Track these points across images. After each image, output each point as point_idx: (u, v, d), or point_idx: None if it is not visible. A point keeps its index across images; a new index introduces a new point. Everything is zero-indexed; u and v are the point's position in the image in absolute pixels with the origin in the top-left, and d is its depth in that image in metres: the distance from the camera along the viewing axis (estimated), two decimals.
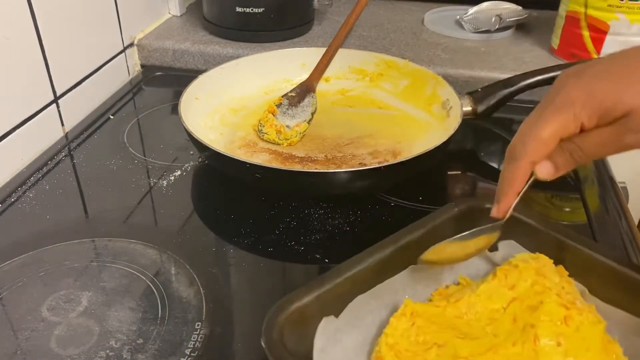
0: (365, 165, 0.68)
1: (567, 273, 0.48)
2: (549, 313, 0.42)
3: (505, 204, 0.45)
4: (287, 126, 0.74)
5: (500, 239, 0.49)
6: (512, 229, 0.49)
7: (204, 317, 0.50)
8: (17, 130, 0.70)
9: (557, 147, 0.42)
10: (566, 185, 0.69)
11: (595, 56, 0.86)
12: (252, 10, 0.94)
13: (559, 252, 0.49)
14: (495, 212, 0.46)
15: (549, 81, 0.72)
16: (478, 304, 0.45)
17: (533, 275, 0.46)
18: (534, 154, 0.42)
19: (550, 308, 0.43)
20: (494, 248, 0.51)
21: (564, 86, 0.41)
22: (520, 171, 0.43)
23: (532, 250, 0.50)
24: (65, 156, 0.73)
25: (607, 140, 0.40)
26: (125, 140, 0.77)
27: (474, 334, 0.43)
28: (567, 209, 0.67)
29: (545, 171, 0.43)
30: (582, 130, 0.41)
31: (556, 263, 0.48)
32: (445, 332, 0.43)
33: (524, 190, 0.45)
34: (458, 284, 0.50)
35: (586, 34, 0.86)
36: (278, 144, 0.73)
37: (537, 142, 0.41)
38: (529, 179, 0.44)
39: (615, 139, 0.40)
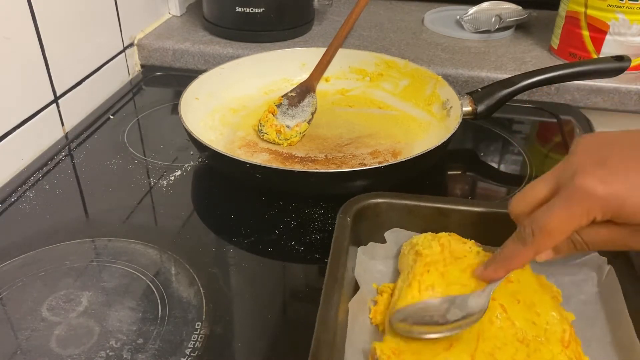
0: (365, 165, 0.68)
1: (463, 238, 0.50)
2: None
3: (492, 274, 0.43)
4: (287, 126, 0.74)
5: (384, 229, 0.53)
6: (390, 216, 0.53)
7: (204, 317, 0.50)
8: (17, 130, 0.70)
9: None
10: None
11: (595, 56, 0.86)
12: (252, 10, 0.94)
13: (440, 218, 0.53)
14: (479, 273, 0.44)
15: (549, 81, 0.72)
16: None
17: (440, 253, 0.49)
18: (541, 246, 0.40)
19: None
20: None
21: (583, 175, 0.37)
22: (523, 256, 0.41)
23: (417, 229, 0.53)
24: (65, 156, 0.73)
25: (613, 240, 0.38)
26: (125, 140, 0.77)
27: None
28: None
29: (545, 257, 0.42)
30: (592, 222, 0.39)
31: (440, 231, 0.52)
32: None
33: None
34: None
35: (586, 33, 0.86)
36: (278, 144, 0.73)
37: (546, 235, 0.39)
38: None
39: (624, 241, 0.38)
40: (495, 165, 0.75)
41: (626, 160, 0.37)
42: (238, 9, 0.94)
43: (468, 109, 0.71)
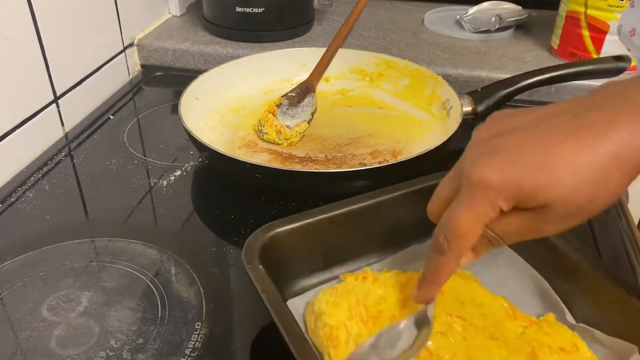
0: (365, 165, 0.68)
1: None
2: None
3: (428, 294, 0.42)
4: (287, 126, 0.74)
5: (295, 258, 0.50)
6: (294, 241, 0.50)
7: (204, 317, 0.50)
8: (17, 130, 0.70)
9: None
10: None
11: (595, 56, 0.86)
12: (252, 10, 0.94)
13: None
14: (415, 297, 0.43)
15: (549, 81, 0.72)
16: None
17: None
18: (459, 250, 0.38)
19: None
20: None
21: (477, 167, 0.36)
22: (447, 265, 0.40)
23: None
24: (65, 156, 0.73)
25: (526, 228, 0.37)
26: (125, 140, 0.77)
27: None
28: None
29: (467, 261, 0.41)
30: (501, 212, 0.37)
31: None
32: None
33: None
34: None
35: (586, 33, 0.86)
36: (278, 144, 0.73)
37: (459, 237, 0.37)
38: None
39: (534, 227, 0.36)
40: None
41: (518, 143, 0.35)
42: (238, 9, 0.94)
43: (468, 109, 0.71)
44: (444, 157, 0.66)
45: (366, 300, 0.46)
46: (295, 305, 0.48)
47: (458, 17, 1.03)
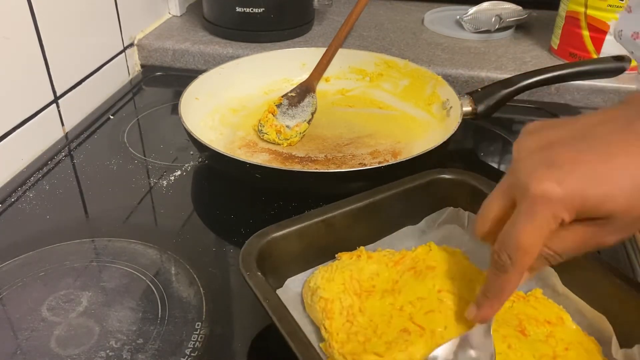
0: (365, 165, 0.68)
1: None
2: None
3: (489, 312, 0.41)
4: (287, 126, 0.74)
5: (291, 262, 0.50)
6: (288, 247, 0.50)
7: (204, 317, 0.50)
8: (17, 130, 0.70)
9: None
10: None
11: (595, 56, 0.86)
12: (252, 10, 0.94)
13: None
14: (474, 317, 0.42)
15: (549, 81, 0.72)
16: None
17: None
18: (522, 266, 0.37)
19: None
20: None
21: (533, 179, 0.35)
22: (511, 283, 0.39)
23: None
24: (65, 156, 0.73)
25: (586, 241, 0.36)
26: (125, 140, 0.77)
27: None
28: None
29: (523, 281, 0.40)
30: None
31: None
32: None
33: None
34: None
35: (586, 33, 0.86)
36: (278, 144, 0.73)
37: (522, 254, 0.37)
38: None
39: (595, 239, 0.36)
40: (495, 165, 0.75)
41: (575, 155, 0.35)
42: (238, 9, 0.94)
43: (468, 109, 0.71)
44: (443, 157, 0.66)
45: (360, 275, 0.47)
46: (294, 283, 0.49)
47: (458, 17, 1.03)
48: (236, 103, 0.81)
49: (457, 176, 0.55)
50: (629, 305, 0.43)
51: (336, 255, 0.50)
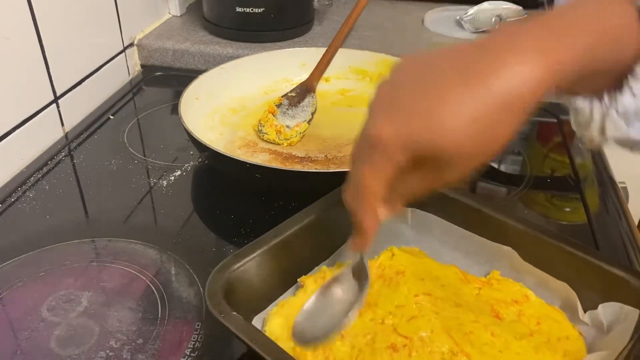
0: None
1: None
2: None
3: (360, 244, 0.41)
4: (287, 126, 0.74)
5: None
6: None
7: (204, 317, 0.50)
8: (17, 130, 0.70)
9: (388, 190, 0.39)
10: (566, 185, 0.69)
11: None
12: (252, 10, 0.94)
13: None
14: (351, 245, 0.42)
15: None
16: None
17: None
18: (370, 203, 0.39)
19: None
20: None
21: (372, 124, 0.36)
22: (366, 221, 0.40)
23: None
24: (65, 156, 0.73)
25: (429, 181, 0.37)
26: (125, 140, 0.77)
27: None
28: (567, 209, 0.67)
29: (383, 216, 0.40)
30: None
31: None
32: None
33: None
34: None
35: None
36: (278, 144, 0.73)
37: (366, 193, 0.38)
38: None
39: (436, 178, 0.37)
40: (495, 165, 0.75)
41: (411, 96, 0.35)
42: (238, 9, 0.94)
43: None
44: None
45: None
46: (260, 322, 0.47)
47: (458, 17, 1.03)
48: (236, 103, 0.81)
49: None
50: (586, 270, 0.46)
51: (298, 281, 0.49)
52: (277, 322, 0.45)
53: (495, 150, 0.35)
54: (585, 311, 0.46)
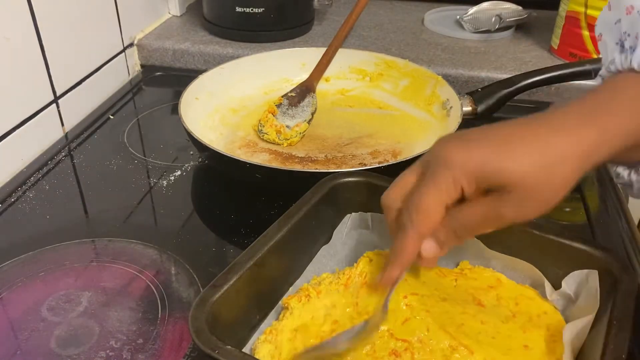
0: (365, 165, 0.68)
1: None
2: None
3: (393, 274, 0.42)
4: (287, 126, 0.74)
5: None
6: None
7: None
8: (17, 130, 0.70)
9: (440, 226, 0.41)
10: None
11: (595, 56, 0.86)
12: (252, 10, 0.94)
13: None
14: (379, 280, 0.44)
15: (549, 81, 0.72)
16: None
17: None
18: (421, 227, 0.40)
19: None
20: None
21: (443, 149, 0.39)
22: (410, 243, 0.41)
23: None
24: (65, 156, 0.73)
25: (487, 214, 0.39)
26: (125, 140, 0.77)
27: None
28: (567, 209, 0.67)
29: (429, 249, 0.42)
30: (463, 198, 0.39)
31: None
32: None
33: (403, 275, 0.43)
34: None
35: (586, 33, 0.86)
36: (278, 144, 0.73)
37: (422, 214, 0.39)
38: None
39: (494, 212, 0.39)
40: None
41: (484, 135, 0.39)
42: (238, 9, 0.94)
43: (468, 109, 0.71)
44: None
45: (314, 322, 0.45)
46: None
47: (458, 17, 1.03)
48: (236, 103, 0.81)
49: (351, 178, 0.53)
50: (549, 248, 0.48)
51: (281, 302, 0.47)
52: (266, 349, 0.43)
53: (551, 199, 0.38)
54: (554, 287, 0.48)
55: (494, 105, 0.72)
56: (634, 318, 0.41)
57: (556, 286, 0.48)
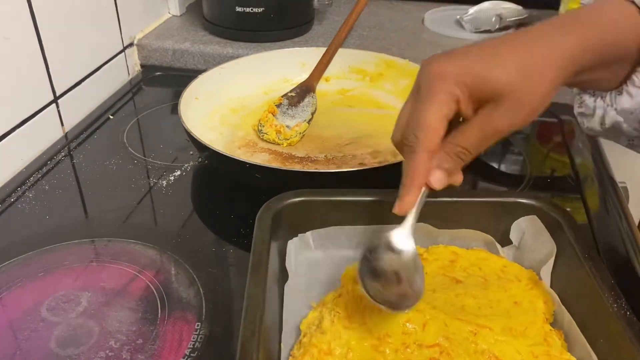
0: (365, 165, 0.68)
1: None
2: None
3: (409, 200, 0.42)
4: (287, 126, 0.74)
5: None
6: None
7: (204, 317, 0.50)
8: (17, 130, 0.70)
9: (442, 154, 0.42)
10: (566, 185, 0.69)
11: None
12: (252, 10, 0.94)
13: None
14: (397, 209, 0.43)
15: None
16: None
17: None
18: (428, 142, 0.41)
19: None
20: None
21: (434, 65, 0.41)
22: (420, 161, 0.41)
23: None
24: (65, 156, 0.73)
25: (482, 127, 0.41)
26: (125, 140, 0.77)
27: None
28: (567, 209, 0.67)
29: (439, 180, 0.42)
30: (459, 115, 0.41)
31: None
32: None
33: (421, 202, 0.43)
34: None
35: None
36: (278, 144, 0.73)
37: (426, 130, 0.40)
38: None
39: (488, 125, 0.40)
40: (495, 165, 0.75)
41: (469, 48, 0.41)
42: (238, 9, 0.94)
43: None
44: None
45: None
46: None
47: (458, 17, 1.03)
48: (236, 103, 0.81)
49: (287, 201, 0.53)
50: (487, 209, 0.51)
51: (341, 276, 0.47)
52: (314, 315, 0.45)
53: (538, 104, 0.40)
54: (501, 244, 0.51)
55: None
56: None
57: (502, 242, 0.51)
